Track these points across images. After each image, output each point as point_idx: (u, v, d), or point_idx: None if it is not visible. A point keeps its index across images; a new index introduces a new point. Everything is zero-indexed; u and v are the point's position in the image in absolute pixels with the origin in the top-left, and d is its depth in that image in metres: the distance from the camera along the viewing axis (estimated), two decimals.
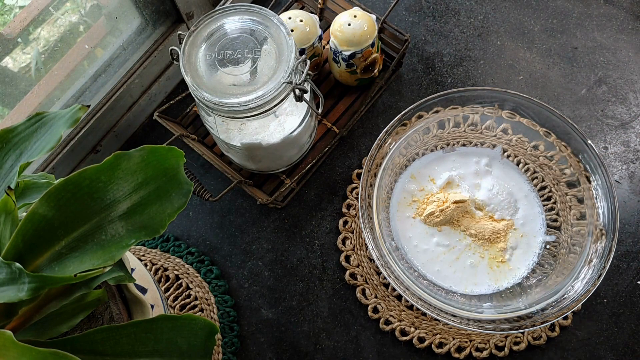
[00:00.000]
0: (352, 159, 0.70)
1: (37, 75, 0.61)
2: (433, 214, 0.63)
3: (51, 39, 0.61)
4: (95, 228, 0.35)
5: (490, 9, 0.77)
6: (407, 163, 0.66)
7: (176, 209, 0.35)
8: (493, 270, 0.62)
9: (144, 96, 0.71)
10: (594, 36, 0.75)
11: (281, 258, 0.67)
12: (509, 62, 0.74)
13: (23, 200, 0.39)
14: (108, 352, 0.34)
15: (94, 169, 0.34)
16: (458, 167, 0.66)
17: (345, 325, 0.63)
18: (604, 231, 0.57)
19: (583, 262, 0.57)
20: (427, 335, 0.62)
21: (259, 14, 0.54)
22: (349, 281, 0.65)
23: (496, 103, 0.63)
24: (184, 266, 0.66)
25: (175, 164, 0.36)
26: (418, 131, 0.63)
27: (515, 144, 0.66)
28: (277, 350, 0.63)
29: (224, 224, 0.68)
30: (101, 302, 0.38)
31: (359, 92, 0.72)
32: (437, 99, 0.62)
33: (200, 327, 0.36)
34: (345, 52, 0.64)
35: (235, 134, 0.60)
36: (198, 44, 0.54)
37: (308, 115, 0.61)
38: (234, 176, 0.65)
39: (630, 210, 0.67)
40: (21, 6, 0.60)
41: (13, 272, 0.31)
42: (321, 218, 0.68)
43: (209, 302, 0.64)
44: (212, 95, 0.51)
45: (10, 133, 0.40)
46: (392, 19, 0.77)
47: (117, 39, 0.67)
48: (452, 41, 0.76)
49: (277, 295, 0.65)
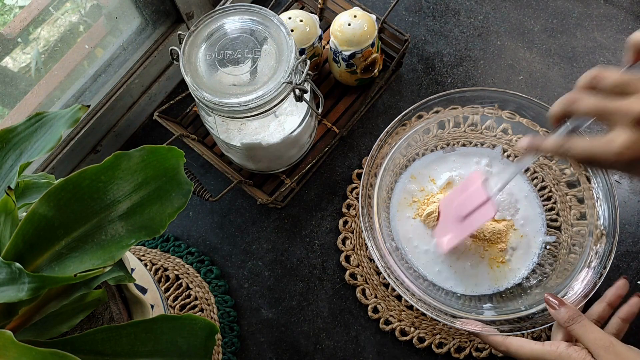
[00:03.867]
0: (352, 159, 0.70)
1: (37, 75, 0.61)
2: (431, 215, 0.63)
3: (51, 39, 0.61)
4: (95, 228, 0.35)
5: (490, 9, 0.77)
6: (407, 163, 0.66)
7: (176, 209, 0.35)
8: (493, 270, 0.62)
9: (144, 96, 0.71)
10: (594, 36, 0.75)
11: (281, 258, 0.67)
12: (509, 62, 0.74)
13: (23, 200, 0.39)
14: (108, 352, 0.34)
15: (94, 169, 0.34)
16: (458, 167, 0.66)
17: (345, 325, 0.63)
18: (604, 231, 0.57)
19: (583, 263, 0.57)
20: (427, 335, 0.62)
21: (259, 14, 0.54)
22: (349, 281, 0.65)
23: (496, 103, 0.63)
24: (184, 266, 0.66)
25: (175, 164, 0.36)
26: (418, 131, 0.63)
27: (515, 144, 0.66)
28: (277, 350, 0.63)
29: (224, 224, 0.68)
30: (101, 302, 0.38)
31: (359, 92, 0.72)
32: (438, 99, 0.62)
33: (200, 327, 0.36)
34: (345, 52, 0.64)
35: (235, 134, 0.60)
36: (198, 44, 0.54)
37: (308, 115, 0.61)
38: (234, 176, 0.65)
39: (630, 210, 0.67)
40: (21, 6, 0.60)
41: (13, 272, 0.31)
42: (321, 218, 0.68)
43: (209, 302, 0.64)
44: (212, 95, 0.51)
45: (10, 133, 0.40)
46: (392, 19, 0.77)
47: (117, 39, 0.67)
48: (452, 41, 0.76)
49: (277, 295, 0.65)
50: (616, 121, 0.39)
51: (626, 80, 0.39)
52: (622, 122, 0.38)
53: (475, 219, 0.57)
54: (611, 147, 0.39)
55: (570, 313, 0.49)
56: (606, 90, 0.40)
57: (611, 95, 0.40)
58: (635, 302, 0.53)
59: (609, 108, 0.39)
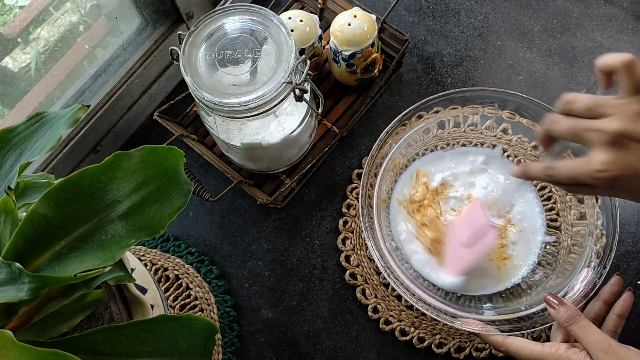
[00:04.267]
0: (352, 159, 0.70)
1: (37, 75, 0.61)
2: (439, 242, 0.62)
3: (51, 39, 0.61)
4: (95, 228, 0.35)
5: (490, 9, 0.77)
6: (407, 163, 0.66)
7: (176, 209, 0.35)
8: (493, 269, 0.62)
9: (144, 96, 0.71)
10: (594, 36, 0.75)
11: (281, 258, 0.67)
12: (509, 62, 0.74)
13: (23, 200, 0.39)
14: (108, 352, 0.34)
15: (94, 169, 0.34)
16: (452, 167, 0.66)
17: (345, 325, 0.63)
18: (604, 231, 0.57)
19: (583, 263, 0.57)
20: (427, 335, 0.62)
21: (259, 14, 0.54)
22: (349, 281, 0.65)
23: (496, 103, 0.63)
24: (184, 266, 0.66)
25: (175, 164, 0.36)
26: (418, 131, 0.63)
27: (515, 144, 0.66)
28: (277, 350, 0.63)
29: (224, 224, 0.68)
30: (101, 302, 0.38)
31: (359, 92, 0.72)
32: (438, 99, 0.62)
33: (200, 327, 0.36)
34: (345, 52, 0.64)
35: (235, 134, 0.60)
36: (198, 44, 0.54)
37: (308, 115, 0.61)
38: (234, 176, 0.65)
39: (630, 210, 0.67)
40: (21, 6, 0.60)
41: (13, 272, 0.31)
42: (321, 218, 0.68)
43: (209, 302, 0.64)
44: (212, 95, 0.51)
45: (10, 133, 0.40)
46: (392, 19, 0.77)
47: (117, 39, 0.67)
48: (452, 41, 0.76)
49: (277, 295, 0.65)
50: (592, 141, 0.40)
51: (598, 103, 0.40)
52: (597, 142, 0.39)
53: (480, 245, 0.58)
54: (590, 167, 0.40)
55: (569, 313, 0.49)
56: (580, 114, 0.41)
57: (585, 119, 0.41)
58: (628, 296, 0.53)
59: (583, 128, 0.40)
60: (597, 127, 0.39)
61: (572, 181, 0.42)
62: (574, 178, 0.41)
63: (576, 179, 0.41)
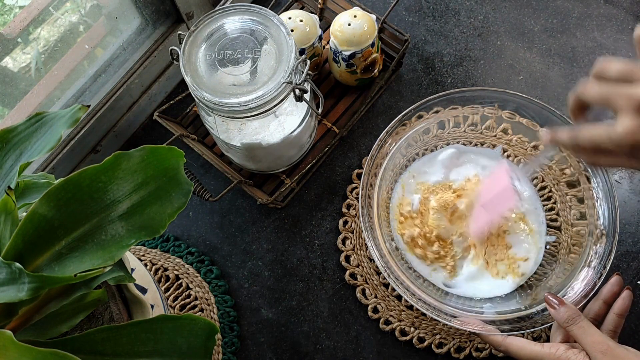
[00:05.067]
0: (352, 159, 0.70)
1: (37, 75, 0.61)
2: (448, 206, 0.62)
3: (51, 39, 0.61)
4: (95, 228, 0.35)
5: (490, 9, 0.77)
6: (407, 163, 0.66)
7: (176, 209, 0.35)
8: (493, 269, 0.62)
9: (144, 96, 0.71)
10: (594, 36, 0.75)
11: (281, 258, 0.67)
12: (509, 62, 0.74)
13: (23, 200, 0.39)
14: (108, 352, 0.34)
15: (94, 169, 0.34)
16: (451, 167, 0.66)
17: (345, 325, 0.63)
18: (604, 231, 0.57)
19: (583, 263, 0.57)
20: (427, 335, 0.62)
21: (259, 14, 0.54)
22: (349, 281, 0.65)
23: (496, 103, 0.63)
24: (184, 266, 0.66)
25: (175, 164, 0.36)
26: (418, 131, 0.63)
27: (515, 144, 0.66)
28: (277, 350, 0.63)
29: (224, 224, 0.68)
30: (101, 302, 0.38)
31: (359, 92, 0.72)
32: (438, 99, 0.62)
33: (200, 327, 0.36)
34: (345, 52, 0.64)
35: (235, 134, 0.60)
36: (198, 44, 0.54)
37: (308, 115, 0.61)
38: (234, 176, 0.65)
39: (630, 210, 0.67)
40: (21, 6, 0.60)
41: (13, 272, 0.31)
42: (321, 218, 0.68)
43: (209, 302, 0.64)
44: (212, 95, 0.51)
45: (10, 133, 0.40)
46: (392, 19, 0.77)
47: (117, 39, 0.67)
48: (452, 41, 0.76)
49: (277, 295, 0.65)
50: (621, 107, 0.39)
51: (630, 68, 0.39)
52: (625, 107, 0.38)
53: (497, 204, 0.58)
54: (613, 133, 0.39)
55: (569, 313, 0.49)
56: (612, 79, 0.40)
57: (617, 83, 0.40)
58: (627, 295, 0.53)
59: (613, 94, 0.39)
60: (626, 92, 0.38)
61: (594, 146, 0.41)
62: (597, 143, 0.40)
63: (599, 144, 0.40)
